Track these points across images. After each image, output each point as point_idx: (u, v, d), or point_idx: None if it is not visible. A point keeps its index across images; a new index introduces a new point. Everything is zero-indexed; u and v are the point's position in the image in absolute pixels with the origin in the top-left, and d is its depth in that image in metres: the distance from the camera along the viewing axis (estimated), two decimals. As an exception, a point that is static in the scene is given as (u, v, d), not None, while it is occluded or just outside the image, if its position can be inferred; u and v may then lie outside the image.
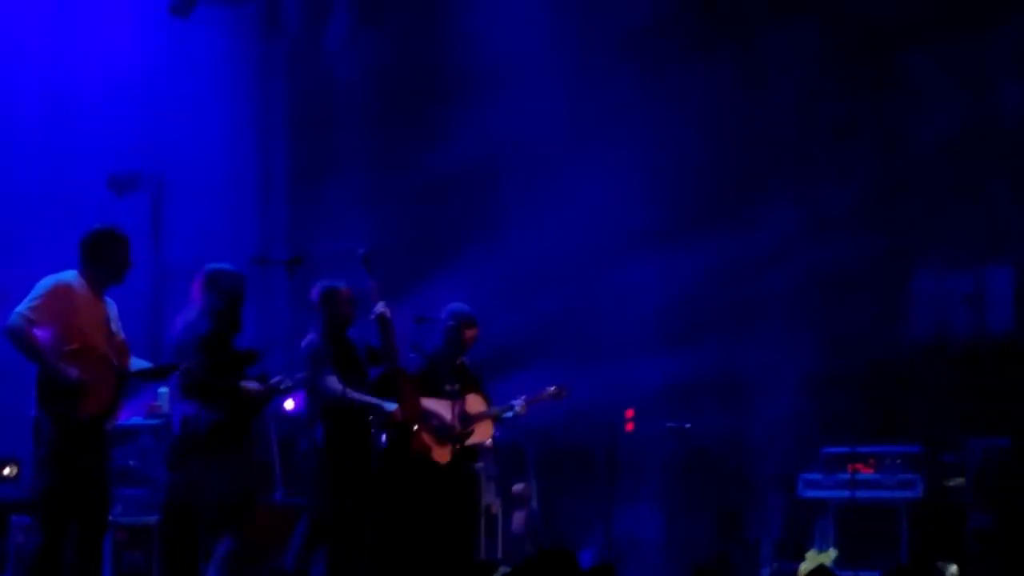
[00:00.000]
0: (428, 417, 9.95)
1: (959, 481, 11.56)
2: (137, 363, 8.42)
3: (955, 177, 12.80)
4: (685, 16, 13.29)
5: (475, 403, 10.29)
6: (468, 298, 10.61)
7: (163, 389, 10.31)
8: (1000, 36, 12.56)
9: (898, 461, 11.57)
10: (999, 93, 12.76)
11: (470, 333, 10.25)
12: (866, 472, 11.52)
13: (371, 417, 9.57)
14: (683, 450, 12.19)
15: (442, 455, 9.96)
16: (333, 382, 9.19)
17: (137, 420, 10.58)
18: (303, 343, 9.38)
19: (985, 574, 10.82)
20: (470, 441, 10.22)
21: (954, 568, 10.05)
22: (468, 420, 10.18)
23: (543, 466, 12.71)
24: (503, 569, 10.20)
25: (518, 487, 12.47)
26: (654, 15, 13.09)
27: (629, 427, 11.90)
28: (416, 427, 9.88)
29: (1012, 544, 11.12)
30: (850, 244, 12.92)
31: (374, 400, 9.51)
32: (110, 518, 8.60)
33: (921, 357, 12.88)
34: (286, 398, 10.64)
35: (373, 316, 9.71)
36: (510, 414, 10.43)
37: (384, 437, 9.78)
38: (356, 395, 9.30)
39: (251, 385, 8.65)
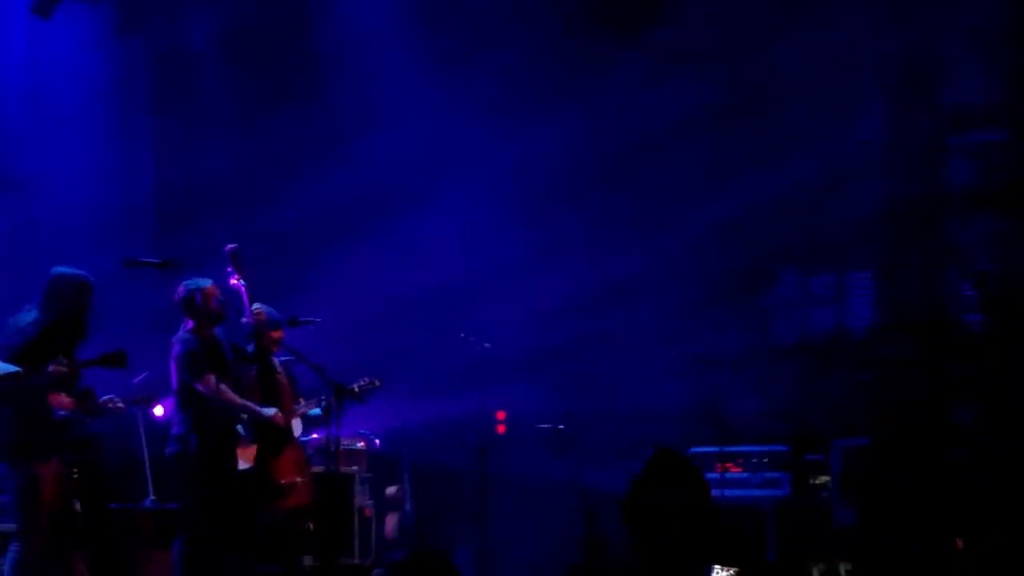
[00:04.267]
0: None
1: (824, 480, 11.78)
2: (4, 367, 8.24)
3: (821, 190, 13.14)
4: (540, 58, 13.55)
5: None
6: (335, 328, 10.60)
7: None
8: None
9: (765, 460, 11.77)
10: (860, 117, 13.13)
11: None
12: (734, 471, 11.70)
13: (243, 420, 9.50)
14: (555, 452, 12.26)
15: None
16: (210, 383, 9.09)
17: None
18: (174, 341, 9.26)
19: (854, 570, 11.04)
20: None
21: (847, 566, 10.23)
22: None
23: (417, 470, 12.72)
24: (377, 571, 10.19)
25: (391, 490, 12.45)
26: (511, 59, 13.40)
27: (501, 429, 11.96)
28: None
29: (874, 541, 11.36)
30: (716, 258, 13.22)
31: (252, 405, 9.46)
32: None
33: (785, 359, 13.14)
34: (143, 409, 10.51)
35: (246, 317, 9.65)
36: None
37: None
38: (233, 397, 9.24)
39: (59, 398, 8.45)
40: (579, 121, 13.65)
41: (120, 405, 9.02)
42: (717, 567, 5.27)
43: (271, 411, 9.59)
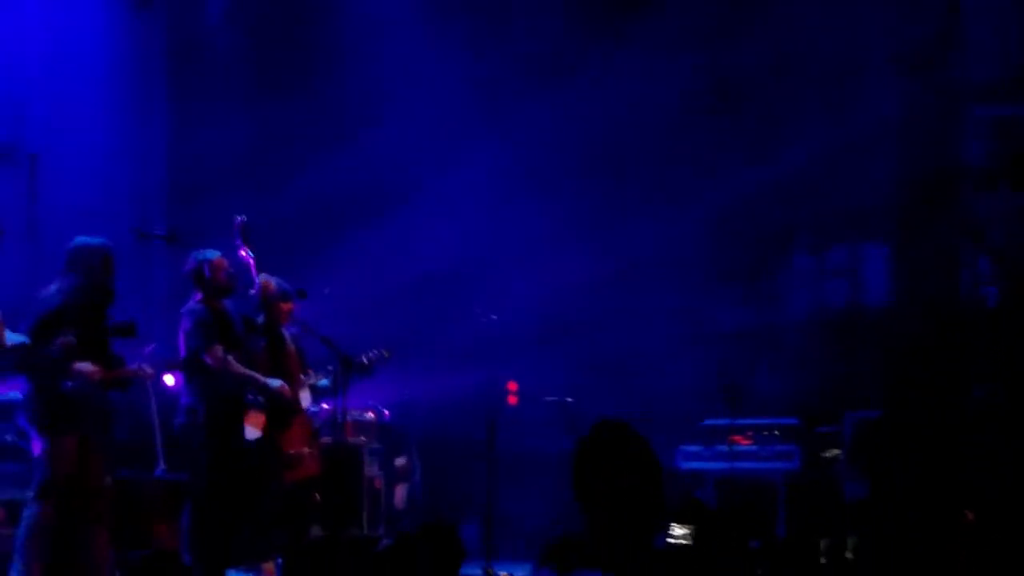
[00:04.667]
0: None
1: (835, 453, 11.76)
2: (12, 337, 8.28)
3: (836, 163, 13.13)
4: (557, 34, 13.60)
5: None
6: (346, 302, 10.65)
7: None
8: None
9: (776, 433, 11.74)
10: (875, 90, 13.09)
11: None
12: (745, 444, 11.68)
13: (251, 393, 9.52)
14: (562, 425, 12.28)
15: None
16: (217, 354, 9.12)
17: (14, 395, 10.38)
18: (183, 313, 9.28)
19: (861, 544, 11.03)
20: None
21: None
22: None
23: (426, 442, 12.75)
24: (385, 542, 10.21)
25: (400, 461, 12.48)
26: (529, 34, 13.51)
27: (512, 400, 11.96)
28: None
29: (884, 514, 11.35)
30: (730, 232, 13.22)
31: (258, 376, 9.47)
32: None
33: (799, 332, 13.13)
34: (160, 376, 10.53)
35: (255, 289, 9.68)
36: None
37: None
38: (240, 369, 9.26)
39: (85, 366, 8.49)
40: (594, 97, 13.63)
41: (149, 372, 9.03)
42: (674, 525, 5.26)
43: (277, 383, 9.59)
